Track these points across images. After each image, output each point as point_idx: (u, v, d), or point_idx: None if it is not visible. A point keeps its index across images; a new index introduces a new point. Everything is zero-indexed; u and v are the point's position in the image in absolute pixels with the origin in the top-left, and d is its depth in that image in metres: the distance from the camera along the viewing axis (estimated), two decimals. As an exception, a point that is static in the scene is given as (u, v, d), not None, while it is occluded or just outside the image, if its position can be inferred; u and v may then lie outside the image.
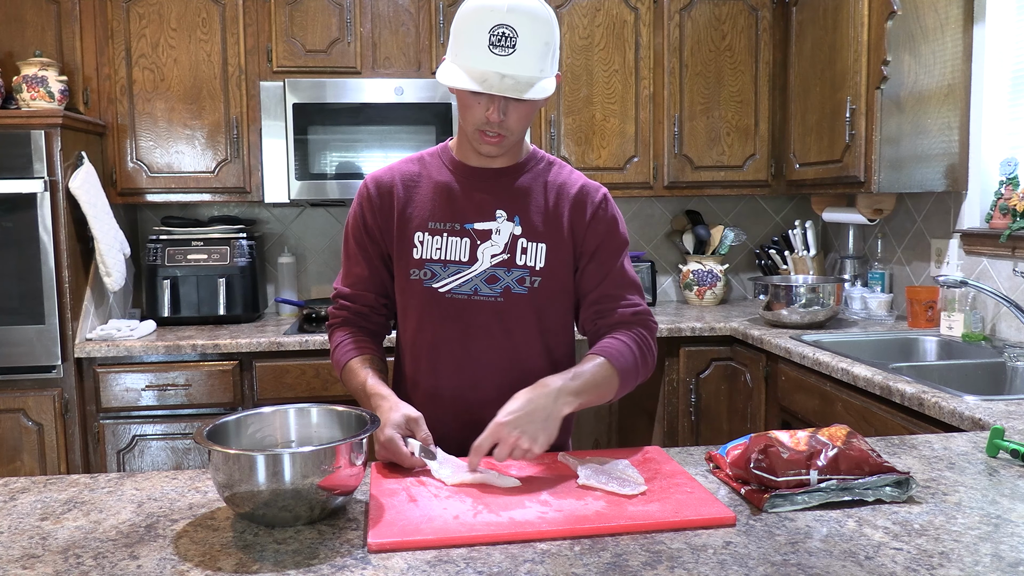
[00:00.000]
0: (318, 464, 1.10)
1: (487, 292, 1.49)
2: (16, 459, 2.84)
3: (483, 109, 1.40)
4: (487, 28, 1.35)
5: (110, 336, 2.94)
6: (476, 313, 1.50)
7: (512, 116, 1.41)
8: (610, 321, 1.53)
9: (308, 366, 2.94)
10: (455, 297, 1.50)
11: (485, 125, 1.42)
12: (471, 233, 1.50)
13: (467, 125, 1.45)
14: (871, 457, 1.22)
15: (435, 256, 1.50)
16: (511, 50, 1.35)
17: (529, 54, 1.36)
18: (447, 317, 1.51)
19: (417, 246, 1.50)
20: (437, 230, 1.50)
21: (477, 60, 1.36)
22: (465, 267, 1.49)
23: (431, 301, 1.51)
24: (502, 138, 1.43)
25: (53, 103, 2.94)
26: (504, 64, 1.35)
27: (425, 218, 1.51)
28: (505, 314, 1.50)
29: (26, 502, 1.25)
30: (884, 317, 3.11)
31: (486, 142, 1.44)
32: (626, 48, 3.34)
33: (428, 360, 1.54)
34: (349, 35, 3.20)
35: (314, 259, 3.64)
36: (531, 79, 1.38)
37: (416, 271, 1.51)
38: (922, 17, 2.68)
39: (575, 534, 1.09)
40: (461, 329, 1.51)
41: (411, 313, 1.54)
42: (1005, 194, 2.61)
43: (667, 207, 3.81)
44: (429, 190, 1.53)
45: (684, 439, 3.16)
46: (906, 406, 1.99)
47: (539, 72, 1.39)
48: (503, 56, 1.35)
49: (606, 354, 1.45)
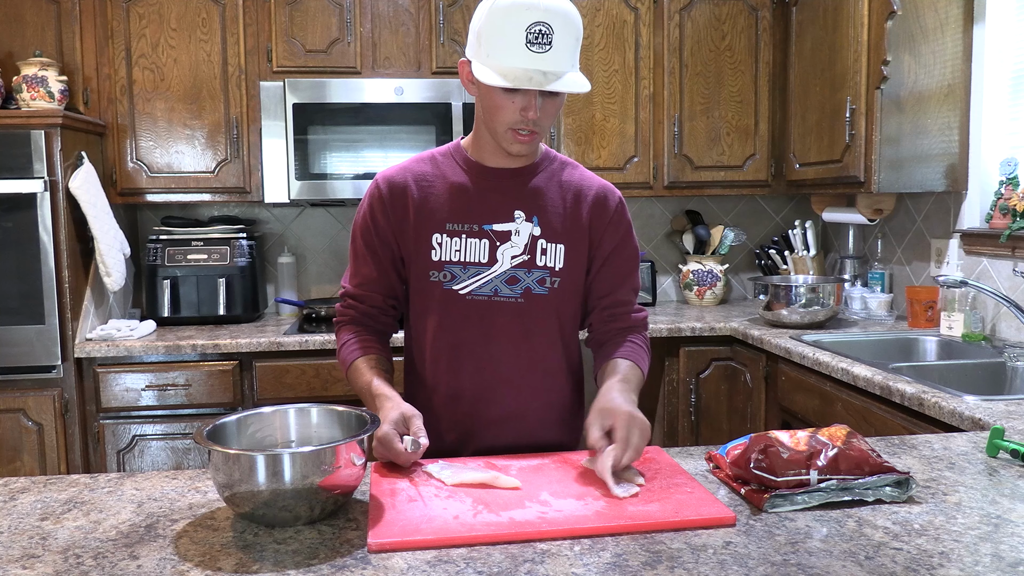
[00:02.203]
0: (318, 464, 1.10)
1: (508, 293, 1.50)
2: (16, 459, 2.84)
3: (518, 107, 1.40)
4: (524, 26, 1.34)
5: (110, 336, 2.94)
6: (497, 314, 1.51)
7: (544, 114, 1.42)
8: (621, 325, 1.59)
9: (308, 366, 2.94)
10: (475, 299, 1.50)
11: (520, 124, 1.41)
12: (490, 234, 1.50)
13: (498, 125, 1.43)
14: (871, 457, 1.22)
15: (454, 258, 1.50)
16: (548, 47, 1.35)
17: (564, 50, 1.37)
18: (468, 319, 1.51)
19: (436, 248, 1.50)
20: (455, 231, 1.50)
21: (515, 58, 1.36)
22: (485, 268, 1.50)
23: (451, 303, 1.51)
24: (534, 135, 1.44)
25: (53, 103, 2.94)
26: (543, 61, 1.36)
27: (442, 219, 1.50)
28: (526, 315, 1.52)
29: (26, 502, 1.25)
30: (884, 317, 3.11)
31: (519, 140, 1.44)
32: (626, 48, 3.34)
33: (448, 362, 1.54)
34: (349, 35, 3.20)
35: (314, 259, 3.63)
36: (566, 74, 1.39)
37: (435, 273, 1.51)
38: (922, 17, 2.68)
39: (575, 534, 1.09)
40: (482, 331, 1.51)
41: (430, 315, 1.54)
42: (1005, 194, 2.61)
43: (667, 207, 3.81)
44: (444, 190, 1.52)
45: (684, 439, 3.16)
46: (906, 406, 1.99)
47: (571, 67, 1.40)
48: (541, 53, 1.35)
49: (638, 362, 1.54)
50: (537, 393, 1.56)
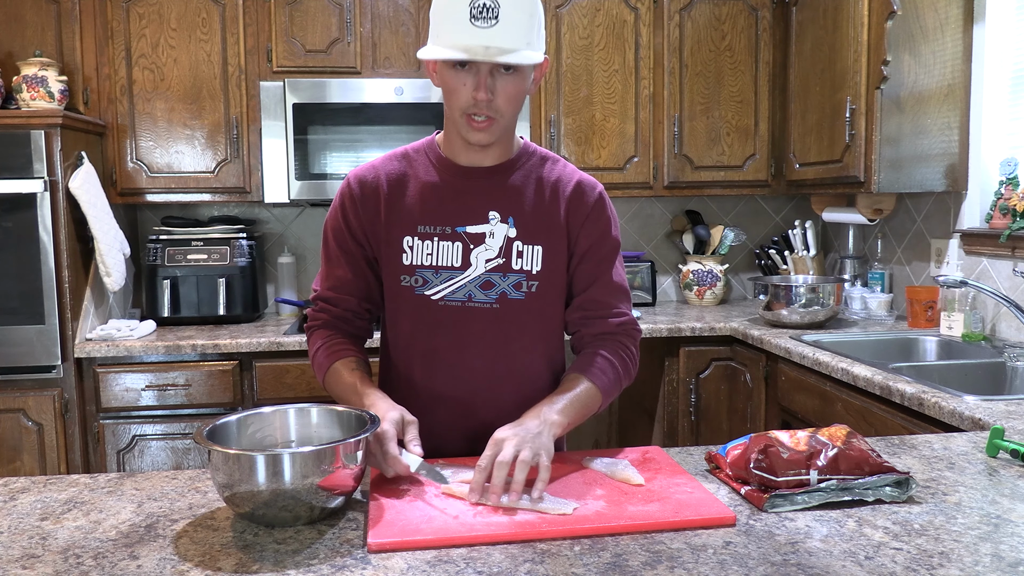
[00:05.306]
0: (318, 464, 1.10)
1: (482, 298, 1.44)
2: (16, 459, 2.84)
3: (470, 89, 1.32)
4: (467, 1, 1.28)
5: (110, 336, 2.94)
6: (471, 321, 1.44)
7: (500, 95, 1.33)
8: (595, 331, 1.50)
9: (308, 366, 2.93)
10: (449, 304, 1.44)
11: (472, 107, 1.33)
12: (463, 237, 1.43)
13: (454, 111, 1.37)
14: (871, 457, 1.22)
15: (426, 262, 1.43)
16: (494, 21, 1.28)
17: (512, 25, 1.30)
18: (441, 325, 1.45)
19: (407, 251, 1.44)
20: (427, 234, 1.44)
21: (458, 35, 1.29)
22: (458, 273, 1.43)
23: (423, 309, 1.45)
24: (491, 121, 1.35)
25: (53, 103, 2.94)
26: (488, 36, 1.28)
27: (414, 221, 1.44)
28: (502, 321, 1.45)
29: (26, 502, 1.25)
30: (884, 317, 3.11)
31: (475, 127, 1.35)
32: (626, 48, 3.34)
33: (423, 368, 1.48)
34: (349, 35, 3.20)
35: (314, 259, 3.63)
36: (516, 50, 1.30)
37: (407, 277, 1.45)
38: (922, 17, 2.68)
39: (575, 534, 1.09)
40: (457, 338, 1.45)
41: (403, 320, 1.48)
42: (1005, 194, 2.61)
43: (667, 207, 3.81)
44: (416, 191, 1.45)
45: (684, 439, 3.16)
46: (906, 406, 1.99)
47: (525, 44, 1.32)
48: (486, 28, 1.28)
49: (590, 376, 1.43)
50: (516, 401, 1.45)
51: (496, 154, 1.46)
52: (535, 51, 1.35)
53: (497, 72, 1.33)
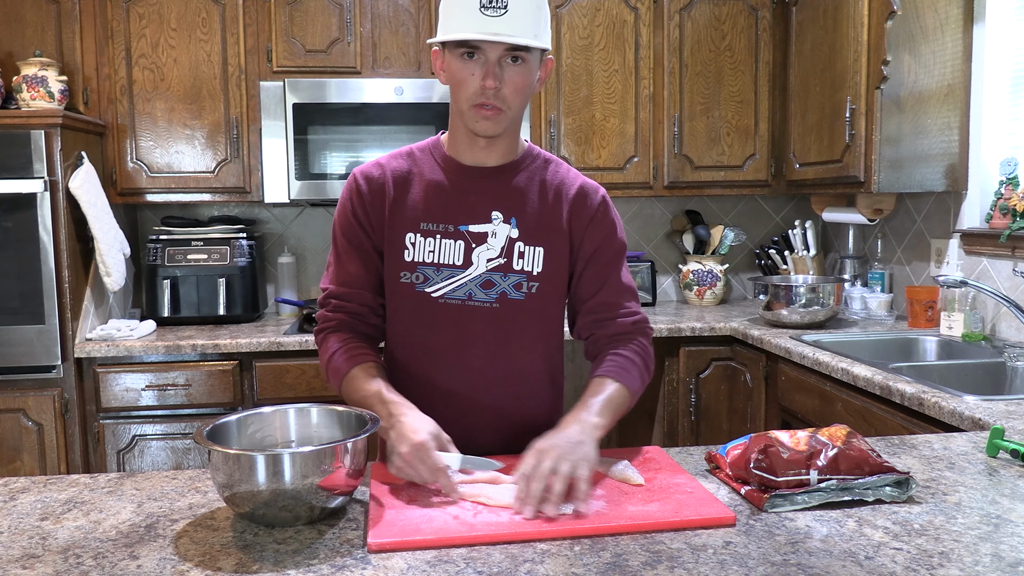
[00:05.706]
0: (318, 464, 1.10)
1: (482, 298, 1.44)
2: (16, 459, 2.84)
3: (479, 78, 1.35)
4: None
5: (110, 336, 2.94)
6: (471, 320, 1.45)
7: (508, 85, 1.35)
8: (609, 331, 1.50)
9: (308, 366, 2.94)
10: (448, 302, 1.44)
11: (481, 96, 1.35)
12: (465, 236, 1.44)
13: (462, 103, 1.38)
14: (871, 457, 1.22)
15: (428, 259, 1.44)
16: (503, 11, 1.32)
17: (521, 15, 1.33)
18: (440, 323, 1.45)
19: (408, 248, 1.44)
20: (429, 231, 1.44)
21: (468, 24, 1.32)
22: (459, 271, 1.44)
23: (423, 306, 1.45)
24: (499, 111, 1.37)
25: (53, 103, 2.94)
26: (497, 24, 1.31)
27: (416, 218, 1.45)
28: (501, 321, 1.45)
29: (26, 502, 1.25)
30: (884, 317, 3.11)
31: (483, 115, 1.37)
32: (626, 48, 3.34)
33: (422, 365, 1.49)
34: (349, 35, 3.20)
35: (314, 259, 3.63)
36: (525, 38, 1.34)
37: (407, 274, 1.45)
38: (922, 17, 2.68)
39: (575, 534, 1.09)
40: (456, 336, 1.45)
41: (402, 317, 1.48)
42: (1005, 194, 2.61)
43: (667, 207, 3.81)
44: (420, 189, 1.46)
45: (684, 439, 3.16)
46: (906, 406, 1.99)
47: (533, 36, 1.35)
48: (495, 17, 1.32)
49: (618, 377, 1.43)
50: (514, 401, 1.49)
51: (500, 154, 1.47)
52: (542, 43, 1.38)
53: (505, 62, 1.35)
